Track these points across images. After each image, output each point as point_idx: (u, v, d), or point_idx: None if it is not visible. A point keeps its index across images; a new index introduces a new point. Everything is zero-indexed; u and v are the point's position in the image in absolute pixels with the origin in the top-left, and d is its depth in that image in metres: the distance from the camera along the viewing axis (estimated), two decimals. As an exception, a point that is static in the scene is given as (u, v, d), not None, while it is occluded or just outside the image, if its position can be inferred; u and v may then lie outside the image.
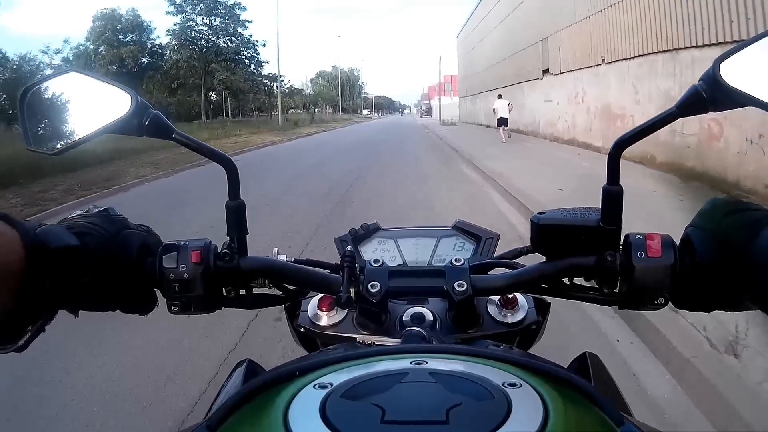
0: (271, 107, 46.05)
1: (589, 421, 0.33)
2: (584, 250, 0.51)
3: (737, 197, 0.47)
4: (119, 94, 0.49)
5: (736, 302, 0.45)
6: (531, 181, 6.77)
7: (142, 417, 1.99)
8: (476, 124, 19.90)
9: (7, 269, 0.37)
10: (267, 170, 9.70)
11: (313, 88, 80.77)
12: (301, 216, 5.54)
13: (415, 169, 9.54)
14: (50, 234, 0.42)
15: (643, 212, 4.28)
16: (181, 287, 0.50)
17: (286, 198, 6.72)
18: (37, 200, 7.02)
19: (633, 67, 8.64)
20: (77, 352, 2.48)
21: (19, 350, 0.40)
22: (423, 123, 39.11)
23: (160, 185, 8.68)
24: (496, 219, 5.08)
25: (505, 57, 19.27)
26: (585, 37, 10.79)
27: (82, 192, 7.59)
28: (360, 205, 6.14)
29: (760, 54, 0.44)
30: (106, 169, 9.74)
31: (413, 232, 0.76)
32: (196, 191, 7.13)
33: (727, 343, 2.20)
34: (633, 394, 1.96)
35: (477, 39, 26.53)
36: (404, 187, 7.25)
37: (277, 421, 0.32)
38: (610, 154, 0.49)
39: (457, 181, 7.96)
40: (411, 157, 12.21)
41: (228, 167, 0.53)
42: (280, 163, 11.43)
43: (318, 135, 25.47)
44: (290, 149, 15.84)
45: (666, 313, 1.53)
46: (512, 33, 17.93)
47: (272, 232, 4.64)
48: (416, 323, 0.58)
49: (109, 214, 0.50)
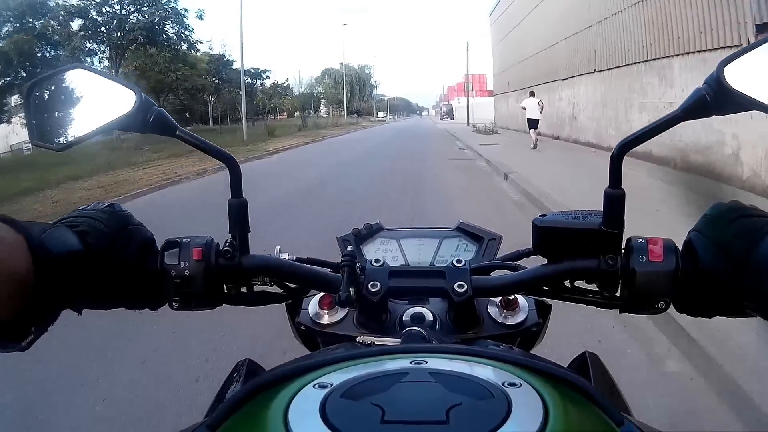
0: (255, 111, 35.95)
1: (589, 421, 0.34)
2: (586, 253, 0.51)
3: (741, 203, 0.47)
4: (123, 90, 0.49)
5: (738, 308, 0.45)
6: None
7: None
8: (524, 131, 12.92)
9: (13, 273, 0.37)
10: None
11: (319, 87, 69.44)
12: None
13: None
14: (54, 237, 0.42)
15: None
16: (182, 283, 0.50)
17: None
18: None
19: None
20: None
21: (22, 350, 0.40)
22: (445, 128, 28.78)
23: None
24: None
25: (577, 31, 12.15)
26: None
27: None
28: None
29: (764, 57, 0.44)
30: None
31: (416, 232, 0.76)
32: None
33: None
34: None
35: (524, 11, 18.16)
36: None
37: (277, 421, 0.32)
38: (613, 156, 0.49)
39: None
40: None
41: (231, 166, 0.53)
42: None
43: (284, 154, 15.81)
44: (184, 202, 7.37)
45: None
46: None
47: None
48: (416, 323, 0.58)
49: (114, 210, 0.50)
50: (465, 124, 30.87)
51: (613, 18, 9.95)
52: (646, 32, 8.62)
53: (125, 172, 10.66)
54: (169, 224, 5.20)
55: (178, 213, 6.46)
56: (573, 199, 5.43)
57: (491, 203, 6.31)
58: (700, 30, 6.88)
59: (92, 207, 0.50)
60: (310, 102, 59.88)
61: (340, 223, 3.94)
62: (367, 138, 23.26)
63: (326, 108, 68.42)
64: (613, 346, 2.46)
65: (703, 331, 2.35)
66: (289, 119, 45.09)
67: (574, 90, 12.58)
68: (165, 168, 11.21)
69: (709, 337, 2.32)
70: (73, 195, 8.08)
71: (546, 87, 14.91)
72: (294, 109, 52.40)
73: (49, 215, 6.38)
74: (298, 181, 8.76)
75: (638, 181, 6.34)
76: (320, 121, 43.28)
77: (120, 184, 9.03)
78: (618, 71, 9.96)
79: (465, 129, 25.19)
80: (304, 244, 4.24)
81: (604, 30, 10.42)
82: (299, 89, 55.00)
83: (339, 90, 62.75)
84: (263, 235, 4.07)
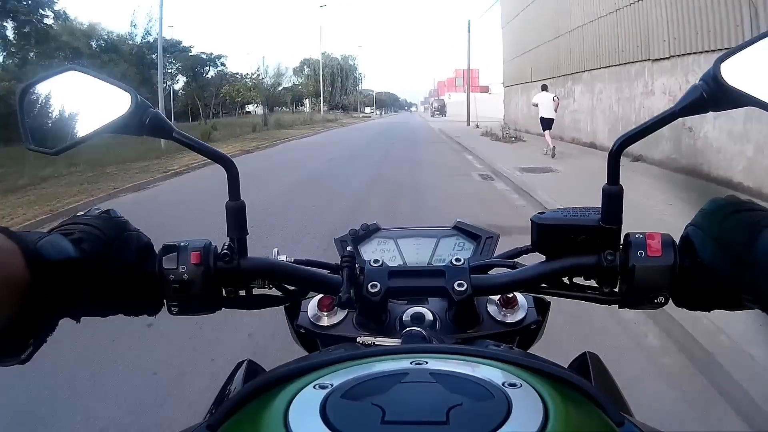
0: (220, 106, 31.15)
1: (590, 421, 0.33)
2: (584, 249, 0.51)
3: (738, 198, 0.47)
4: (119, 93, 0.49)
5: (737, 302, 0.45)
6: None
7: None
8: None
9: (9, 283, 0.36)
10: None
11: (298, 79, 59.35)
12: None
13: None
14: (50, 245, 0.41)
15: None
16: (180, 288, 0.50)
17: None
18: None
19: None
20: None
21: (22, 363, 0.40)
22: (441, 128, 22.38)
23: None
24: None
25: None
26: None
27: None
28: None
29: (760, 54, 0.44)
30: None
31: (413, 232, 0.76)
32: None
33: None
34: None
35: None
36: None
37: (278, 422, 0.32)
38: (610, 153, 0.49)
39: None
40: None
41: (228, 168, 0.53)
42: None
43: (188, 176, 8.94)
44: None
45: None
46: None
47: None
48: (416, 323, 0.58)
49: (110, 216, 0.50)
50: (464, 123, 24.57)
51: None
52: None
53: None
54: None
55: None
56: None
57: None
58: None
59: (88, 213, 0.49)
60: (280, 95, 49.04)
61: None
62: (339, 142, 17.23)
63: (309, 102, 60.32)
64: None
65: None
66: (256, 117, 34.57)
67: (687, 76, 6.75)
68: (50, 197, 6.81)
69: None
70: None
71: (613, 72, 9.30)
72: (272, 103, 44.85)
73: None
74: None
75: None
76: (285, 119, 32.49)
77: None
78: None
79: (468, 131, 19.09)
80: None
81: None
82: (268, 80, 43.73)
83: (325, 81, 56.58)
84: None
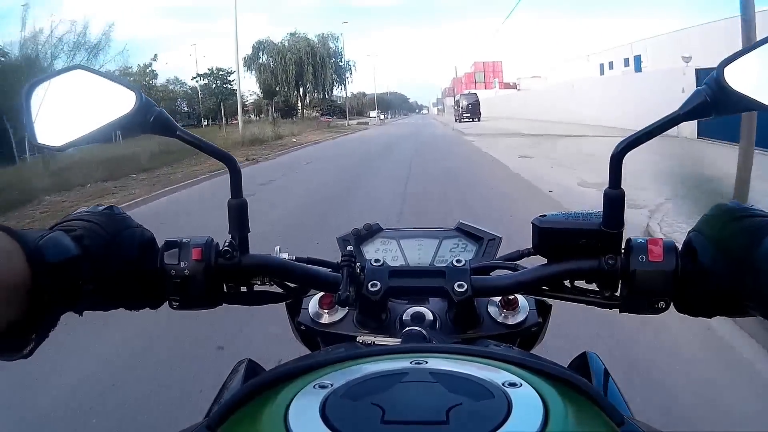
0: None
1: (590, 421, 0.34)
2: (586, 253, 0.51)
3: (741, 204, 0.47)
4: (124, 91, 0.49)
5: (738, 308, 0.45)
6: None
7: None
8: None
9: (10, 282, 0.37)
10: None
11: (250, 73, 38.72)
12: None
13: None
14: (51, 242, 0.42)
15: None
16: (182, 283, 0.50)
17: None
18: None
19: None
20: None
21: (25, 358, 0.41)
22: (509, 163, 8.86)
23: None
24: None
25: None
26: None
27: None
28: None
29: (764, 58, 0.44)
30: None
31: (416, 233, 0.76)
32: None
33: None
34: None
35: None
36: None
37: (277, 421, 0.32)
38: (613, 156, 0.49)
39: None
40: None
41: (230, 166, 0.53)
42: None
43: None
44: None
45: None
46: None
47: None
48: (416, 323, 0.58)
49: (113, 213, 0.50)
50: (523, 134, 14.60)
51: None
52: None
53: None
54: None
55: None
56: None
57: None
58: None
59: (90, 210, 0.50)
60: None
61: None
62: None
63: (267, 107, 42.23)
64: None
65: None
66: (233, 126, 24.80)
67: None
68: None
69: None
70: None
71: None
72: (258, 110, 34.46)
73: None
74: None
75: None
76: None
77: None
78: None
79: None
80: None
81: None
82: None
83: (289, 73, 38.44)
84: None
